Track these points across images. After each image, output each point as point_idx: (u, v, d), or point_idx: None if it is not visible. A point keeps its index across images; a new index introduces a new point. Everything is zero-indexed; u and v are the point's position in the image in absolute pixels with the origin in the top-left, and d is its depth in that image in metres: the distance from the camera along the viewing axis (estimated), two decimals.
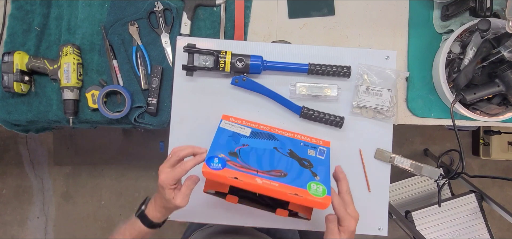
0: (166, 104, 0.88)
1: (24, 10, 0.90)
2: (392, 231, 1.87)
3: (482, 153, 1.91)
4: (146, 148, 1.96)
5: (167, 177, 0.60)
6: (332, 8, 0.91)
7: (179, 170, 0.60)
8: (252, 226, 0.86)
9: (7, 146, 1.99)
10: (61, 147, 1.99)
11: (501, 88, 0.78)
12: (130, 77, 0.87)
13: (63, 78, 0.84)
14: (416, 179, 1.66)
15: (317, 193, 0.61)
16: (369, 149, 0.85)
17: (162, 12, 0.88)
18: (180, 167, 0.60)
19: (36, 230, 2.00)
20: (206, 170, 0.60)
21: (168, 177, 0.60)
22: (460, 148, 0.79)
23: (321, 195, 0.61)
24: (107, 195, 1.98)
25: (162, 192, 0.61)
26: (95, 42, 0.89)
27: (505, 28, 0.70)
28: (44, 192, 2.00)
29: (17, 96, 0.89)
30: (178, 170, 0.60)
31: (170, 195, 0.60)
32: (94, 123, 0.93)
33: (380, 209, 0.84)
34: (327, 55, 0.85)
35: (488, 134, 1.86)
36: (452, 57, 0.84)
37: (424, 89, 0.89)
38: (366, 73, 0.83)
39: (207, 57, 0.81)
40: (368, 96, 0.82)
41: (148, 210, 0.66)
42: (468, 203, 1.44)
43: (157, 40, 0.90)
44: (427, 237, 1.37)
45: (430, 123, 0.90)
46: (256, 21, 0.91)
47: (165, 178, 0.60)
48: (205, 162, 0.61)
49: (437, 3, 0.88)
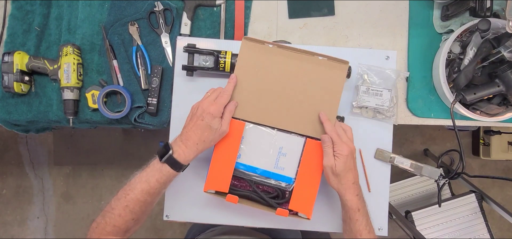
0: (166, 104, 0.88)
1: (24, 10, 0.90)
2: (392, 231, 1.87)
3: (482, 153, 1.91)
4: (146, 148, 1.96)
5: (218, 107, 0.68)
6: (332, 8, 0.91)
7: (225, 96, 0.70)
8: (252, 226, 0.86)
9: (7, 146, 1.99)
10: (61, 147, 1.99)
11: (501, 88, 0.78)
12: (130, 77, 0.87)
13: (63, 78, 0.84)
14: (416, 179, 1.66)
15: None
16: (369, 149, 0.85)
17: (162, 12, 0.88)
18: (224, 94, 0.70)
19: (36, 230, 2.00)
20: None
21: (218, 106, 0.68)
22: (460, 148, 0.79)
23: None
24: (107, 195, 1.98)
25: (210, 123, 0.67)
26: (95, 42, 0.89)
27: (505, 28, 0.70)
28: (44, 192, 2.00)
29: (17, 96, 0.89)
30: (225, 97, 0.70)
31: (219, 124, 0.68)
32: (94, 123, 0.93)
33: (380, 209, 0.84)
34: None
35: (488, 134, 1.86)
36: (452, 57, 0.84)
37: (424, 89, 0.89)
38: (366, 73, 0.83)
39: (207, 57, 0.81)
40: (368, 96, 0.82)
41: (178, 154, 0.67)
42: (468, 203, 1.44)
43: (157, 40, 0.90)
44: (427, 237, 1.37)
45: (430, 123, 0.90)
46: (256, 21, 0.91)
47: (216, 109, 0.67)
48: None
49: (437, 3, 0.88)
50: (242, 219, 0.84)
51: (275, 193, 0.75)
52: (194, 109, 0.70)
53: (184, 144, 0.68)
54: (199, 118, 0.67)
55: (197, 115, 0.68)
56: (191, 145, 0.68)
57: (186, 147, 0.68)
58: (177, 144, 0.68)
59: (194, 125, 0.68)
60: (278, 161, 0.73)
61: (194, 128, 0.68)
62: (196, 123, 0.68)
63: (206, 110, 0.67)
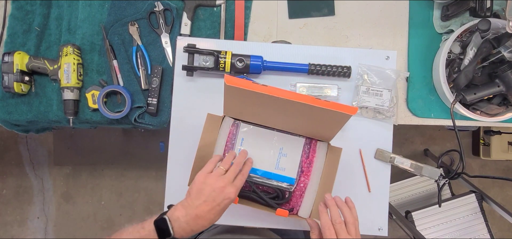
0: (166, 104, 0.88)
1: (24, 10, 0.90)
2: (392, 231, 1.87)
3: (482, 153, 1.91)
4: (146, 148, 1.96)
5: (237, 191, 0.62)
6: (332, 8, 0.91)
7: (243, 179, 0.65)
8: (253, 226, 0.86)
9: (7, 146, 1.99)
10: (61, 147, 1.99)
11: (501, 88, 0.78)
12: (130, 77, 0.87)
13: (63, 78, 0.84)
14: (416, 179, 1.66)
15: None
16: (369, 149, 0.85)
17: (162, 12, 0.88)
18: (243, 177, 0.65)
19: (36, 230, 2.00)
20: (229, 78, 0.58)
21: (237, 191, 0.62)
22: (460, 148, 0.79)
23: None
24: (107, 195, 1.98)
25: (227, 206, 0.61)
26: (95, 42, 0.89)
27: (505, 28, 0.70)
28: (44, 192, 2.00)
29: (17, 96, 0.89)
30: (243, 180, 0.64)
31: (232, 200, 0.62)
32: (94, 123, 0.93)
33: (380, 209, 0.84)
34: (327, 55, 0.85)
35: (488, 134, 1.86)
36: (452, 57, 0.84)
37: (424, 89, 0.89)
38: (366, 73, 0.83)
39: (207, 57, 0.81)
40: (368, 96, 0.82)
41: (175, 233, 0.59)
42: (468, 203, 1.44)
43: (157, 40, 0.90)
44: (427, 237, 1.37)
45: (430, 123, 0.89)
46: (256, 21, 0.91)
47: (235, 193, 0.61)
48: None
49: (437, 3, 0.88)
50: (242, 219, 0.84)
51: (275, 194, 0.75)
52: (201, 185, 0.60)
53: (189, 227, 0.59)
54: (215, 201, 0.59)
55: (213, 198, 0.59)
56: (199, 228, 0.60)
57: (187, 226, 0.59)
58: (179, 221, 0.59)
59: (211, 210, 0.59)
60: (279, 162, 0.73)
61: (210, 213, 0.59)
62: (214, 209, 0.59)
63: (227, 195, 0.59)
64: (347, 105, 0.58)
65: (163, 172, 0.85)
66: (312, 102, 0.57)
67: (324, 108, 0.57)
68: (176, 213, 0.59)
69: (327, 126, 0.67)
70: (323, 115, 0.60)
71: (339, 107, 0.58)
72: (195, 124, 0.84)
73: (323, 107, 0.57)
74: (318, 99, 0.58)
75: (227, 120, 0.74)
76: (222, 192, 0.59)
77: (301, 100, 0.57)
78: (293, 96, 0.57)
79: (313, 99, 0.57)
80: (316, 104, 0.57)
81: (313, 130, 0.71)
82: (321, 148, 0.73)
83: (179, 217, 0.59)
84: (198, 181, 0.61)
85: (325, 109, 0.58)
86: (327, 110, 0.58)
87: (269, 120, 0.72)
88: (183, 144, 0.85)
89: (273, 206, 0.73)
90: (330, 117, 0.61)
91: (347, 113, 0.58)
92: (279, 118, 0.69)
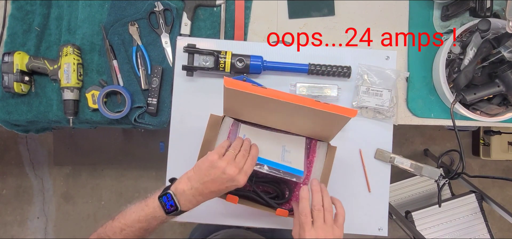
0: (166, 104, 0.88)
1: (24, 10, 0.90)
2: (392, 231, 1.87)
3: (482, 153, 1.91)
4: (146, 148, 1.96)
5: (246, 178, 0.61)
6: (332, 8, 0.91)
7: (252, 163, 0.63)
8: (252, 226, 0.86)
9: (7, 146, 1.99)
10: (61, 147, 1.99)
11: (501, 88, 0.78)
12: (130, 77, 0.87)
13: (63, 78, 0.84)
14: (416, 179, 1.66)
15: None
16: (369, 149, 0.85)
17: (162, 12, 0.88)
18: (251, 162, 0.63)
19: (36, 230, 2.00)
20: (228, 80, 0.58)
21: (247, 176, 0.61)
22: (460, 148, 0.79)
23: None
24: (107, 195, 1.98)
25: (232, 188, 0.61)
26: (95, 42, 0.89)
27: (505, 28, 0.70)
28: (44, 192, 2.00)
29: (17, 96, 0.89)
30: (252, 165, 0.63)
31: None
32: (94, 123, 0.93)
33: (380, 209, 0.84)
34: (327, 55, 0.85)
35: (488, 134, 1.86)
36: (452, 57, 0.84)
37: (424, 89, 0.89)
38: (366, 73, 0.83)
39: (207, 57, 0.81)
40: (368, 96, 0.82)
41: (182, 206, 0.61)
42: (468, 203, 1.44)
43: (157, 40, 0.90)
44: (427, 237, 1.37)
45: (430, 123, 0.89)
46: (256, 21, 0.91)
47: (245, 180, 0.61)
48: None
49: (437, 3, 0.88)
50: (242, 220, 0.84)
51: (275, 193, 0.75)
52: (213, 163, 0.60)
53: (195, 199, 0.61)
54: (223, 184, 0.60)
55: (222, 181, 0.60)
56: (200, 202, 0.62)
57: (192, 198, 0.61)
58: (184, 194, 0.61)
59: (216, 191, 0.61)
60: (284, 156, 0.71)
61: (213, 194, 0.61)
62: (219, 190, 0.61)
63: (236, 180, 0.60)
64: (346, 107, 0.58)
65: (163, 172, 0.85)
66: (312, 104, 0.57)
67: (324, 111, 0.57)
68: (181, 186, 0.60)
69: (327, 128, 0.67)
70: (322, 117, 0.61)
71: (339, 110, 0.58)
72: (195, 124, 0.84)
73: (323, 109, 0.57)
74: (317, 101, 0.58)
75: (227, 120, 0.74)
76: (233, 179, 0.60)
77: (300, 102, 0.57)
78: (292, 99, 0.57)
79: (312, 101, 0.57)
80: (315, 107, 0.57)
81: (313, 131, 0.71)
82: (321, 148, 0.73)
83: (184, 190, 0.60)
84: (210, 160, 0.60)
85: (325, 112, 0.58)
86: (327, 112, 0.58)
87: (269, 121, 0.72)
88: (183, 144, 0.85)
89: (273, 206, 0.73)
90: (329, 119, 0.61)
91: (347, 115, 0.58)
92: (279, 120, 0.69)
